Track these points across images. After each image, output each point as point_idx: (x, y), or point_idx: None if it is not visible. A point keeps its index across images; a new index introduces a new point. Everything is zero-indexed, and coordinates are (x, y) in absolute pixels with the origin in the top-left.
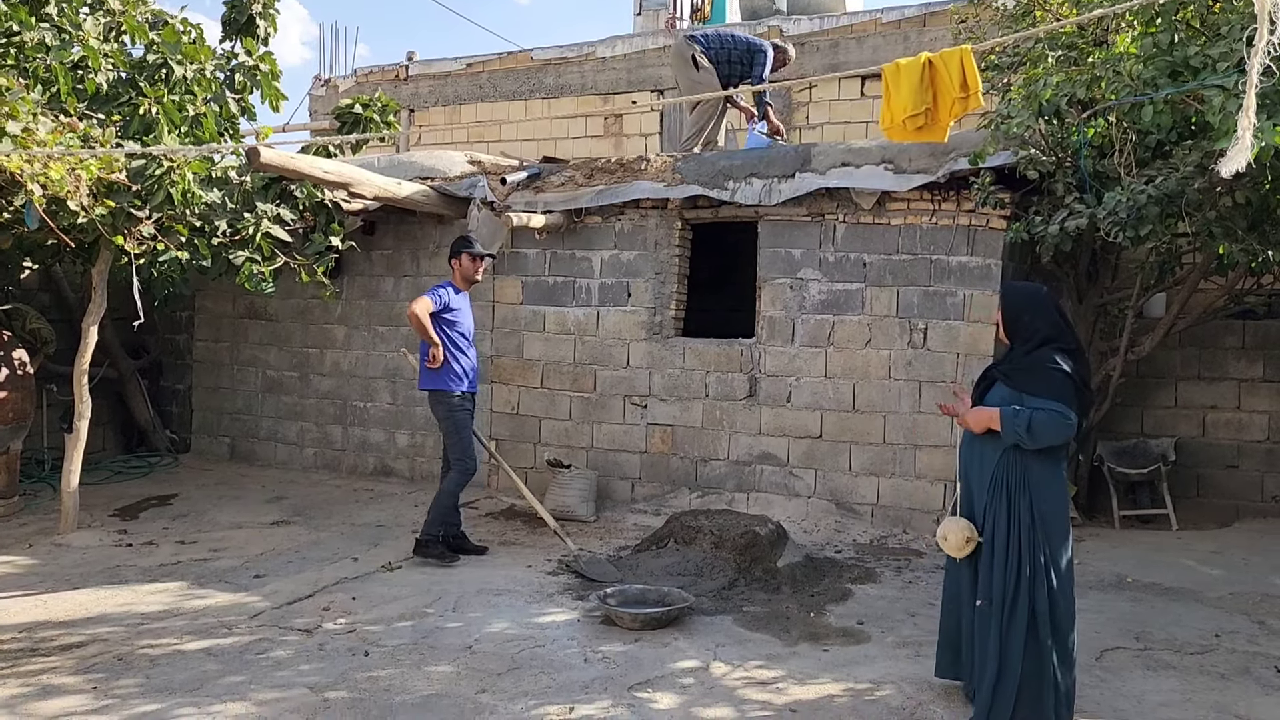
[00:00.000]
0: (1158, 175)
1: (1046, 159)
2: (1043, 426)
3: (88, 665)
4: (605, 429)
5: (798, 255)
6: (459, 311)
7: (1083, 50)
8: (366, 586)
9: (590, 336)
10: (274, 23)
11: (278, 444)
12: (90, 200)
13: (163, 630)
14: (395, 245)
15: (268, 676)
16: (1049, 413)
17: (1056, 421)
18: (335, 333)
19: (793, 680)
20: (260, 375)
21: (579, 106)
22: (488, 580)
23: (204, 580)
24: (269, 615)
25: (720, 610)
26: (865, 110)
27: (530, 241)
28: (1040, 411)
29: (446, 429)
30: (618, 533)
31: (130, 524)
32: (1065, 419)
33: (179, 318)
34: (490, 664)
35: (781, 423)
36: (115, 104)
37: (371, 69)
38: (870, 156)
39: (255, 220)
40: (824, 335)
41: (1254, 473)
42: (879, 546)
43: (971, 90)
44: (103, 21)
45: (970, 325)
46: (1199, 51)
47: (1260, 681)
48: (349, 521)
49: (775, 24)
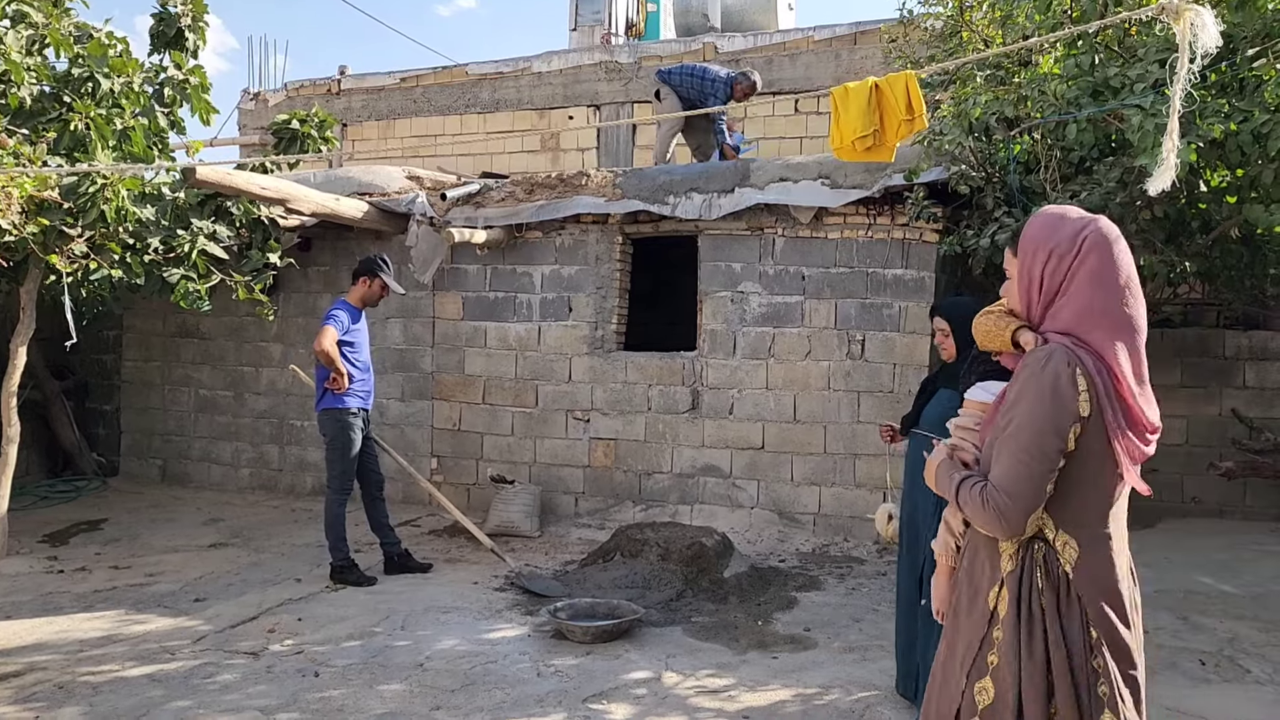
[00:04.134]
0: (1081, 190)
1: (976, 174)
2: None
3: (27, 694)
4: (548, 444)
5: (738, 269)
6: (357, 332)
7: (1009, 70)
8: (311, 607)
9: (532, 351)
10: (203, 35)
11: (212, 465)
12: (21, 218)
13: (103, 657)
14: (333, 262)
15: (216, 701)
16: None
17: None
18: (271, 350)
19: (744, 688)
20: (193, 395)
21: (515, 122)
22: (435, 598)
23: (142, 605)
24: (213, 639)
25: (670, 621)
26: (799, 126)
27: (471, 257)
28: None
29: (334, 446)
30: (563, 547)
31: (60, 549)
32: None
33: (106, 337)
34: (443, 681)
35: (724, 435)
36: (41, 119)
37: (302, 83)
38: (807, 172)
39: (191, 237)
40: (765, 347)
41: (1174, 475)
42: (822, 555)
43: (916, 113)
44: (25, 34)
45: (906, 336)
46: (1118, 72)
47: (1187, 674)
48: (289, 542)
49: (710, 41)
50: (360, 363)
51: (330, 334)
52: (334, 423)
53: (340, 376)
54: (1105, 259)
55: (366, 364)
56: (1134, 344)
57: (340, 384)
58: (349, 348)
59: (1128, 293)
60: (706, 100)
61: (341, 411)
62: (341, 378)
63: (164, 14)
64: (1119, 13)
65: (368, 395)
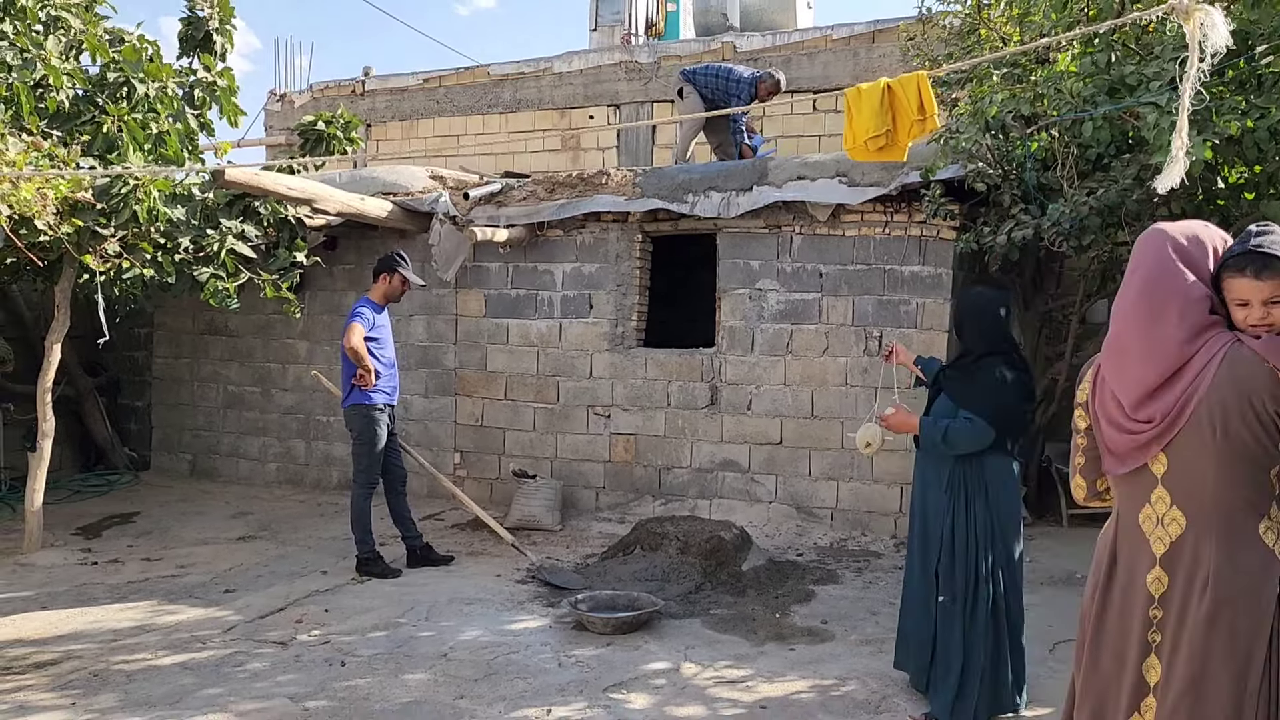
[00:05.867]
0: (1098, 187)
1: (993, 172)
2: (957, 435)
3: (64, 682)
4: (569, 439)
5: (756, 266)
6: (382, 329)
7: (1026, 68)
8: (338, 599)
9: (553, 348)
10: (230, 38)
11: (240, 460)
12: (56, 219)
13: (136, 646)
14: (358, 260)
15: (246, 688)
16: (964, 424)
17: (969, 432)
18: (297, 347)
19: (761, 679)
20: (221, 391)
21: (536, 121)
22: (458, 590)
23: (174, 596)
24: (242, 629)
25: (688, 613)
26: (818, 124)
27: (493, 255)
28: (957, 422)
29: (360, 441)
30: (583, 541)
31: (94, 542)
32: (981, 432)
33: (137, 334)
34: (466, 670)
35: (742, 430)
36: (76, 122)
37: (327, 84)
38: (825, 170)
39: (220, 237)
40: (783, 344)
41: None
42: (839, 549)
43: (928, 113)
44: (63, 40)
45: (923, 333)
46: (1134, 70)
47: None
48: (316, 535)
49: (729, 40)
50: (385, 359)
51: (357, 331)
52: (360, 418)
53: (367, 373)
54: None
55: (391, 360)
56: None
57: (367, 380)
58: (374, 344)
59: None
60: (729, 100)
61: (368, 407)
62: (369, 374)
63: (192, 18)
64: (1134, 11)
65: (393, 391)
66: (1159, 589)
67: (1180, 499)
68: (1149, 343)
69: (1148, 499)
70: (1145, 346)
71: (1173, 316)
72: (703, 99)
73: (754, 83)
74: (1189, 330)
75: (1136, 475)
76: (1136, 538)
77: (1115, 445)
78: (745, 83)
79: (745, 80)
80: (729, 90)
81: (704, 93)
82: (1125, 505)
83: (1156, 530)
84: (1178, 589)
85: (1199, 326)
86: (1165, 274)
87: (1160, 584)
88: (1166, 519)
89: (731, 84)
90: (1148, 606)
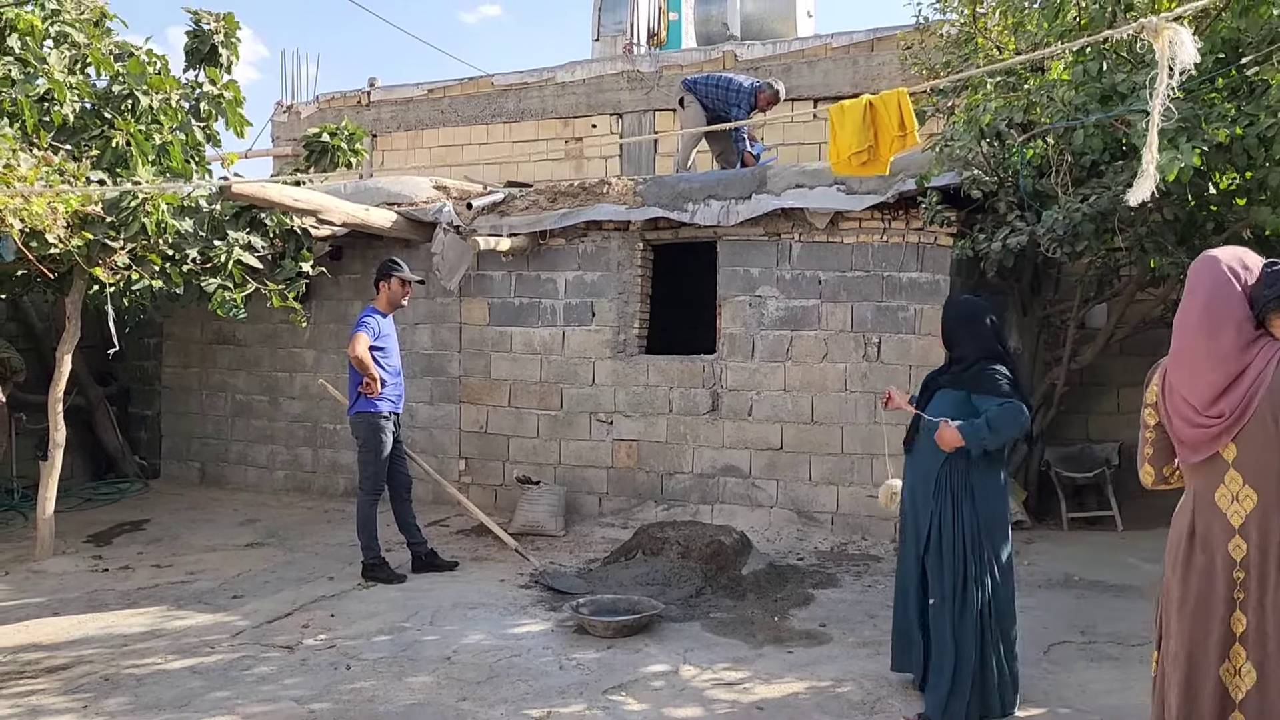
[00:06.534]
0: (1092, 194)
1: (989, 179)
2: (999, 420)
3: (75, 685)
4: (572, 445)
5: (756, 273)
6: (387, 338)
7: (1020, 76)
8: (343, 604)
9: (556, 355)
10: (236, 51)
11: (248, 467)
12: (66, 232)
13: (146, 650)
14: (363, 270)
15: (253, 691)
16: (997, 409)
17: (1009, 412)
18: (304, 356)
19: (759, 680)
20: (229, 400)
21: (539, 131)
22: (462, 595)
23: (183, 602)
24: (250, 633)
25: (688, 617)
26: (817, 132)
27: (496, 263)
28: (995, 408)
29: (366, 449)
30: (586, 546)
31: (105, 549)
32: (1017, 411)
33: (146, 344)
34: (469, 673)
35: (743, 435)
36: (83, 135)
37: (334, 94)
38: (823, 178)
39: (227, 248)
40: (782, 350)
41: None
42: (839, 553)
43: (908, 129)
44: (68, 54)
45: (921, 338)
46: (1125, 78)
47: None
48: (322, 541)
49: (730, 49)
50: (391, 367)
51: (362, 340)
52: (366, 426)
53: (373, 381)
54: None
55: (397, 368)
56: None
57: (373, 388)
58: (379, 353)
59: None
60: (729, 110)
61: (374, 415)
62: (374, 382)
63: (198, 31)
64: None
65: (398, 399)
66: (1239, 554)
67: (1251, 479)
68: (1213, 353)
69: (1222, 480)
70: (1210, 356)
71: (1230, 331)
72: (704, 108)
73: (754, 92)
74: (1244, 341)
75: (1210, 462)
76: (1214, 513)
77: (1189, 438)
78: (745, 92)
79: (745, 90)
80: (729, 100)
81: (704, 102)
82: (1202, 486)
83: (1232, 506)
84: (1254, 554)
85: (1251, 337)
86: (1221, 296)
87: (1240, 549)
88: (1241, 495)
89: (731, 93)
90: (1230, 569)
